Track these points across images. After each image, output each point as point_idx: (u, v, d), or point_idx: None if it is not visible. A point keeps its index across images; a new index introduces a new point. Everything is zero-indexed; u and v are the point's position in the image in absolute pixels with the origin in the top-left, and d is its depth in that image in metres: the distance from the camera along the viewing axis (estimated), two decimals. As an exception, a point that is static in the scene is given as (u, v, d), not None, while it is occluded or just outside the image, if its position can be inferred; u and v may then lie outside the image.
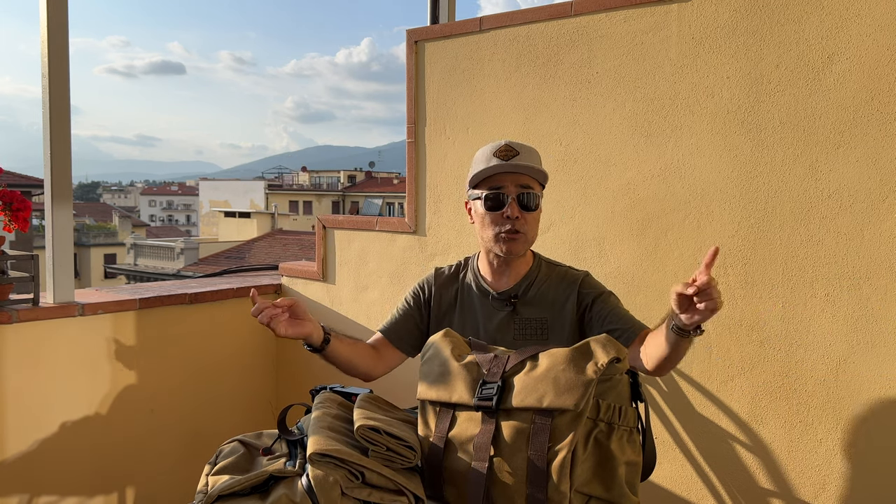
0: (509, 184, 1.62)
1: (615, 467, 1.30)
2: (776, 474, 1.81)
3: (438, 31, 2.43)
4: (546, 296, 1.68)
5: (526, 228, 1.63)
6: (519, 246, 1.64)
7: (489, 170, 1.63)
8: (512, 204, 1.61)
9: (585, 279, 1.70)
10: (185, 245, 22.15)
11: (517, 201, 1.62)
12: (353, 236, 2.69)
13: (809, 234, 1.74)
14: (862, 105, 1.66)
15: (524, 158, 1.62)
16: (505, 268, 1.70)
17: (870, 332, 1.67)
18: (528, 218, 1.64)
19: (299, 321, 1.59)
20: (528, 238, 1.66)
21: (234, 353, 2.82)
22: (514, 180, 1.62)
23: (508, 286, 1.70)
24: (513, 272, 1.70)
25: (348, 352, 1.71)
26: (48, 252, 2.30)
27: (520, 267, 1.70)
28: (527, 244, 1.66)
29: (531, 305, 1.68)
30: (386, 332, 1.82)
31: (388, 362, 1.79)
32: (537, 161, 1.67)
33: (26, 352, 2.23)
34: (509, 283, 1.70)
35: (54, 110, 2.26)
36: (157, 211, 62.54)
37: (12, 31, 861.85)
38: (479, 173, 1.64)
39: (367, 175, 43.96)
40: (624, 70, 2.01)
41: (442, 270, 1.83)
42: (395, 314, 1.85)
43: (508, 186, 1.62)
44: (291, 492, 1.28)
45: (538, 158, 1.68)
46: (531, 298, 1.68)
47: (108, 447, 2.44)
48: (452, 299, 1.77)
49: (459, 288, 1.77)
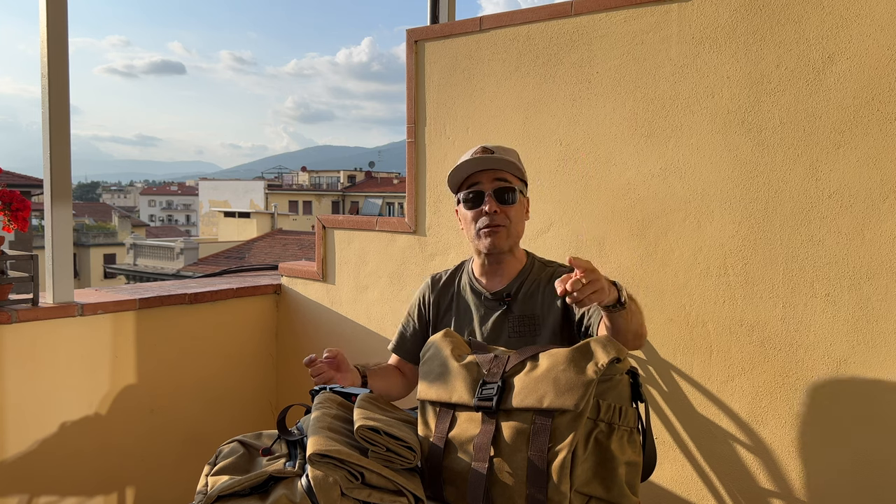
0: (485, 181, 1.67)
1: (615, 467, 1.30)
2: (776, 474, 1.81)
3: (438, 31, 2.43)
4: (537, 294, 1.68)
5: (507, 222, 1.65)
6: (501, 239, 1.66)
7: (463, 166, 1.67)
8: (489, 199, 1.64)
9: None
10: (184, 245, 22.15)
11: (494, 196, 1.64)
12: (353, 236, 2.69)
13: (810, 234, 1.74)
14: (862, 105, 1.66)
15: (499, 155, 1.66)
16: (497, 267, 1.71)
17: (870, 332, 1.67)
18: (509, 212, 1.66)
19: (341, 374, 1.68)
20: (511, 232, 1.67)
21: (234, 353, 2.81)
22: (490, 176, 1.67)
23: (502, 286, 1.71)
24: (505, 272, 1.71)
25: (383, 385, 1.77)
26: (48, 252, 2.30)
27: (512, 266, 1.71)
28: (510, 238, 1.67)
29: (524, 304, 1.68)
30: (398, 352, 1.88)
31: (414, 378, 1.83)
32: (514, 158, 1.71)
33: (26, 352, 2.23)
34: (502, 282, 1.71)
35: (54, 110, 2.26)
36: (156, 211, 62.53)
37: (12, 31, 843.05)
38: (454, 172, 1.68)
39: (367, 175, 43.95)
40: (624, 70, 2.00)
41: (438, 276, 1.86)
42: (400, 331, 1.89)
43: (484, 183, 1.66)
44: (291, 492, 1.28)
45: (515, 156, 1.72)
46: (524, 297, 1.69)
47: (107, 447, 2.44)
48: (448, 302, 1.80)
49: (455, 291, 1.79)
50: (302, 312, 2.87)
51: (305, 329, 2.86)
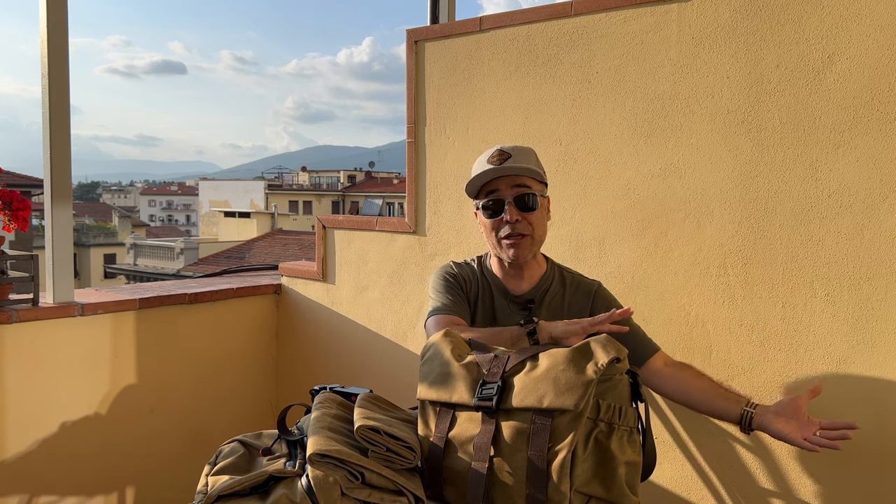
0: (504, 187, 1.62)
1: (615, 467, 1.30)
2: (776, 474, 1.81)
3: (438, 31, 2.43)
4: (561, 303, 1.68)
5: (530, 230, 1.63)
6: (525, 250, 1.63)
7: (481, 177, 1.62)
8: (510, 208, 1.61)
9: (599, 290, 1.72)
10: (184, 245, 22.14)
11: (515, 204, 1.61)
12: (353, 236, 2.69)
13: (809, 234, 1.74)
14: (862, 105, 1.66)
15: (517, 160, 1.62)
16: (517, 271, 1.69)
17: (870, 332, 1.67)
18: (531, 218, 1.63)
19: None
20: (535, 239, 1.64)
21: (234, 353, 2.81)
22: (510, 182, 1.62)
23: (525, 290, 1.70)
24: (527, 276, 1.70)
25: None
26: (48, 252, 2.30)
27: (533, 271, 1.70)
28: (534, 245, 1.65)
29: (546, 311, 1.68)
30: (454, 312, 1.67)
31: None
32: (532, 160, 1.66)
33: (26, 352, 2.23)
34: (526, 286, 1.70)
35: (54, 110, 2.26)
36: (156, 211, 62.52)
37: (12, 31, 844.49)
38: (473, 181, 1.64)
39: (367, 175, 43.95)
40: (624, 70, 2.00)
41: (459, 264, 1.78)
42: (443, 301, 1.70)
43: (504, 190, 1.62)
44: (291, 492, 1.28)
45: (534, 158, 1.67)
46: (547, 304, 1.68)
47: (108, 447, 2.44)
48: (476, 293, 1.74)
49: (480, 285, 1.75)
50: (302, 312, 2.87)
51: (305, 329, 2.86)
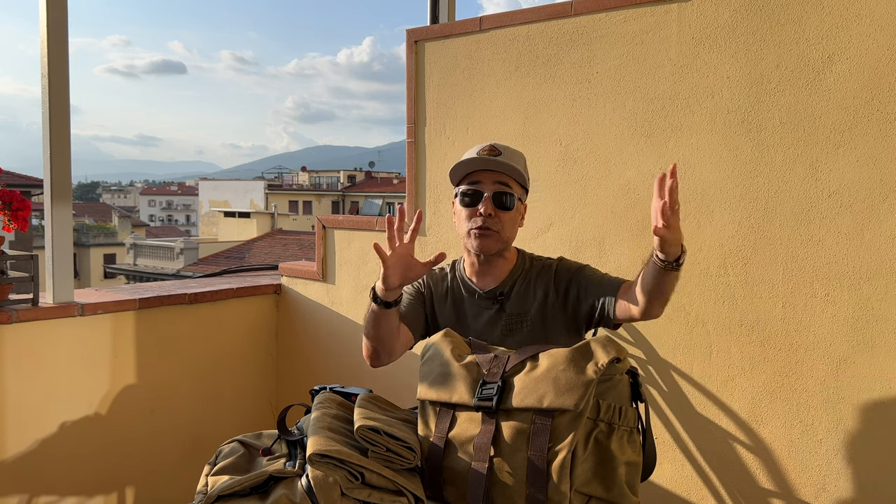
0: (487, 181, 1.63)
1: (615, 467, 1.31)
2: (776, 474, 1.81)
3: (438, 31, 2.43)
4: (528, 290, 1.68)
5: (500, 227, 1.63)
6: (490, 243, 1.64)
7: (467, 163, 1.64)
8: (486, 201, 1.61)
9: (559, 265, 1.69)
10: (184, 245, 22.13)
11: (492, 199, 1.62)
12: (353, 236, 2.69)
13: (810, 234, 1.74)
14: (862, 105, 1.66)
15: (506, 159, 1.63)
16: (487, 267, 1.70)
17: (870, 332, 1.67)
18: (503, 217, 1.63)
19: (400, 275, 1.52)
20: (503, 237, 1.65)
21: (234, 353, 2.81)
22: (493, 178, 1.63)
23: (493, 285, 1.70)
24: (496, 271, 1.70)
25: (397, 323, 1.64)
26: (48, 252, 2.30)
27: (502, 266, 1.70)
28: (500, 243, 1.65)
29: (516, 302, 1.68)
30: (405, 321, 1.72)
31: (404, 345, 1.72)
32: (520, 164, 1.68)
33: (26, 352, 2.23)
34: (494, 282, 1.70)
35: (54, 110, 2.26)
36: (156, 211, 62.52)
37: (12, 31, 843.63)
38: (458, 167, 1.65)
39: (367, 175, 43.94)
40: (624, 70, 2.00)
41: (433, 270, 1.82)
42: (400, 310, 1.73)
43: (486, 183, 1.63)
44: (291, 492, 1.28)
45: (522, 162, 1.69)
46: (516, 295, 1.68)
47: (107, 447, 2.44)
48: (443, 295, 1.77)
49: (449, 287, 1.77)
50: (302, 312, 2.87)
51: (305, 329, 2.86)
